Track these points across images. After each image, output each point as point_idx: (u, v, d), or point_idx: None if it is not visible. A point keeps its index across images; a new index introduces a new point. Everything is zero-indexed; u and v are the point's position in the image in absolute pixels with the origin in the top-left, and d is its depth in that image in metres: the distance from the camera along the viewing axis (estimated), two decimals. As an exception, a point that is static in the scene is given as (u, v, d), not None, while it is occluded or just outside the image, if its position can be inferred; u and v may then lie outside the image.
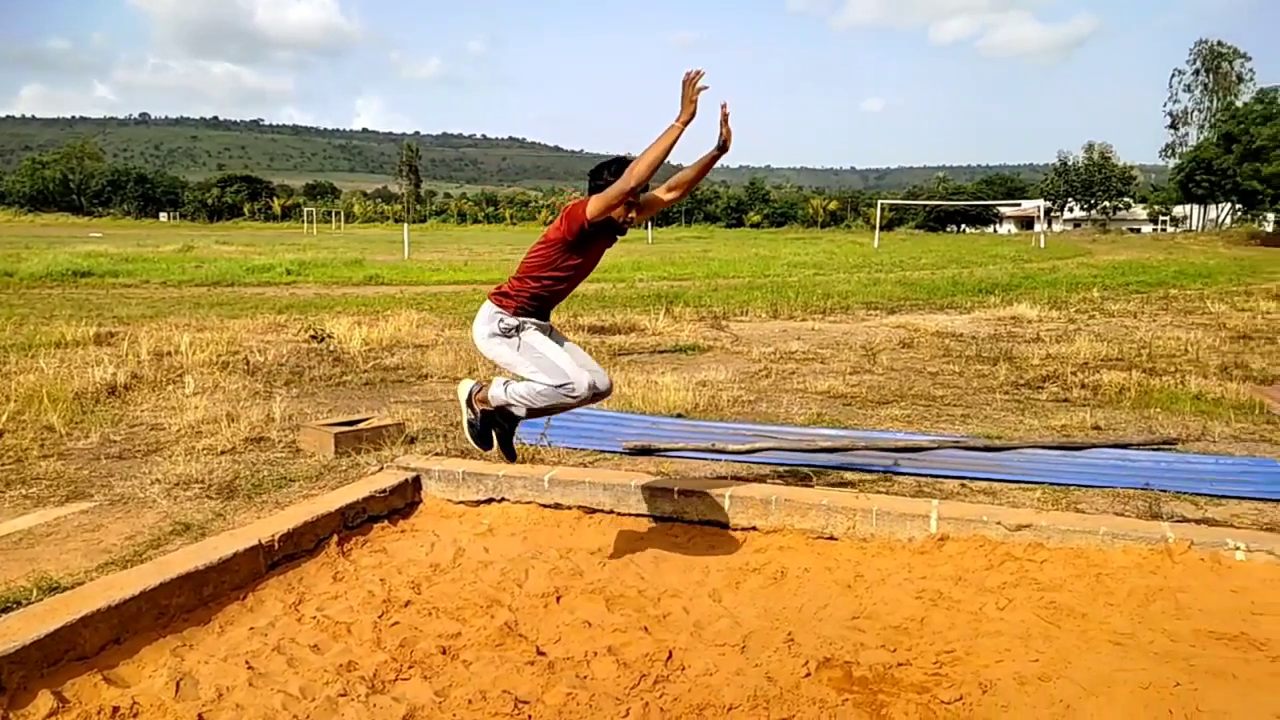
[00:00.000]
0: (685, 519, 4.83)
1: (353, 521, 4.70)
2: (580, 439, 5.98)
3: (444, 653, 3.49)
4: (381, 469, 5.33)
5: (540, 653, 3.52)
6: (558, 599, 4.00)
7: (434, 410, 7.08)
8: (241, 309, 14.98)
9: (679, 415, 6.94)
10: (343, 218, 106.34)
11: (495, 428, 4.19)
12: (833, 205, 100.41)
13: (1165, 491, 4.89)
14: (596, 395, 3.89)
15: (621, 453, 5.68)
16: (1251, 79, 70.44)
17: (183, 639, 3.55)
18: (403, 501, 5.09)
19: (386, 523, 4.88)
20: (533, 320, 3.93)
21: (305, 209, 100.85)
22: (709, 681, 3.28)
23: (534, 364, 3.85)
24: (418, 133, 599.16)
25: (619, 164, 3.71)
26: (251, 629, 3.68)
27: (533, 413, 4.02)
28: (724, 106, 3.68)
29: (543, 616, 3.85)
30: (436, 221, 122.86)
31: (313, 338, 9.89)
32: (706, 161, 3.83)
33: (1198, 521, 4.47)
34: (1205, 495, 4.86)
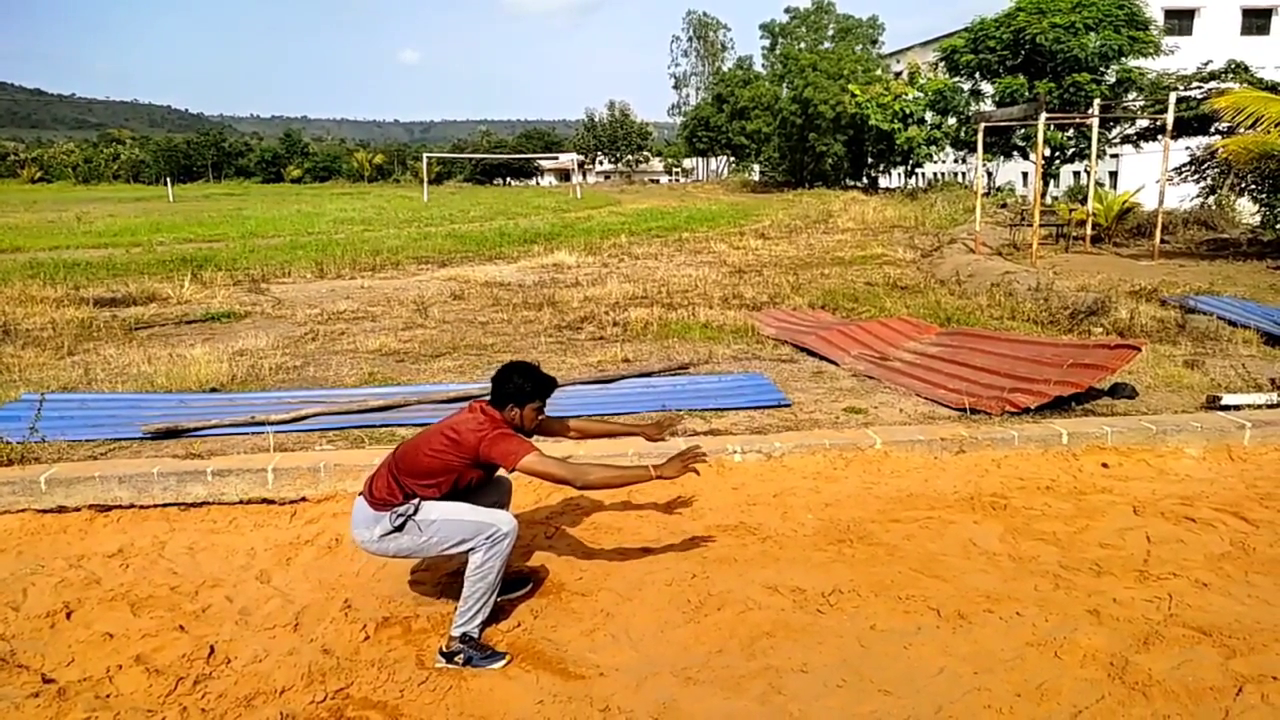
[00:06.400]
0: (224, 501, 4.43)
1: None
2: (88, 429, 5.16)
3: (-93, 711, 2.84)
4: None
5: (48, 680, 3.02)
6: (68, 615, 3.46)
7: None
8: None
9: (213, 390, 6.31)
10: None
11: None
12: (379, 159, 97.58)
13: (681, 410, 5.56)
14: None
15: (142, 438, 5.02)
16: (733, 47, 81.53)
17: None
18: None
19: None
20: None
21: None
22: (258, 669, 3.07)
23: (445, 533, 3.14)
24: None
25: (527, 374, 3.31)
26: None
27: (497, 589, 3.22)
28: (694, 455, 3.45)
29: (49, 638, 3.30)
30: None
31: None
32: (635, 474, 3.41)
33: (706, 433, 5.17)
34: (712, 410, 5.63)
